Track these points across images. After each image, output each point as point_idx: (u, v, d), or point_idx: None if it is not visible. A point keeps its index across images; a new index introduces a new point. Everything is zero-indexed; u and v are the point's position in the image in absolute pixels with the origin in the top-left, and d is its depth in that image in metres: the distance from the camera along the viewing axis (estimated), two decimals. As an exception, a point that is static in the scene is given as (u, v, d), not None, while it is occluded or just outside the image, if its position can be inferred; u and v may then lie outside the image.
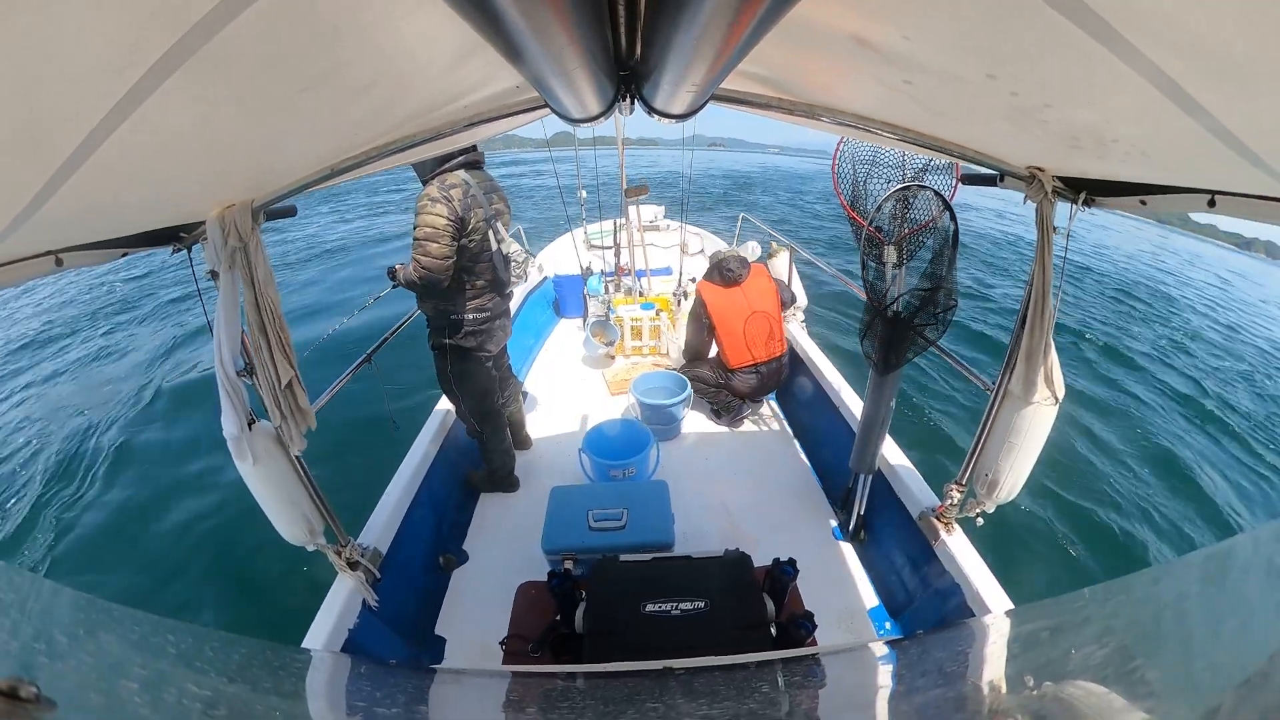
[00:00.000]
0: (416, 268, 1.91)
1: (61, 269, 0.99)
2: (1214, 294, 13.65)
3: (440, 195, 1.88)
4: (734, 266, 2.94)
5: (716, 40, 0.47)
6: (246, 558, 2.95)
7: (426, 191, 1.90)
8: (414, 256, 1.91)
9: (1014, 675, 0.78)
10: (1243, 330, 9.92)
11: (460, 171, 1.95)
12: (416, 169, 1.94)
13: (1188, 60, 0.49)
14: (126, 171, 0.71)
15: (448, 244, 1.90)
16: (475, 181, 1.99)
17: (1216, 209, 0.91)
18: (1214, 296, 13.20)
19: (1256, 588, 0.59)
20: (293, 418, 1.36)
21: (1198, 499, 3.95)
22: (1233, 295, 14.27)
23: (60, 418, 4.75)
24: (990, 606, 1.59)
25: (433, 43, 0.74)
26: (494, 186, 2.14)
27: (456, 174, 1.94)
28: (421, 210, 1.88)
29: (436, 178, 1.91)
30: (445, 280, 1.96)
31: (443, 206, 1.87)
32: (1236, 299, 13.69)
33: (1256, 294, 15.75)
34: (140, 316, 7.42)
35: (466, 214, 1.93)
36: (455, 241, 1.93)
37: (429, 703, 1.13)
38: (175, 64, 0.48)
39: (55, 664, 0.55)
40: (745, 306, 2.91)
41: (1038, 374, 1.36)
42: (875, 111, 1.17)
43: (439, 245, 1.88)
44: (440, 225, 1.87)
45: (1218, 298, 13.17)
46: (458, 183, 1.92)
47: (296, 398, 1.35)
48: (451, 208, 1.89)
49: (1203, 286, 14.64)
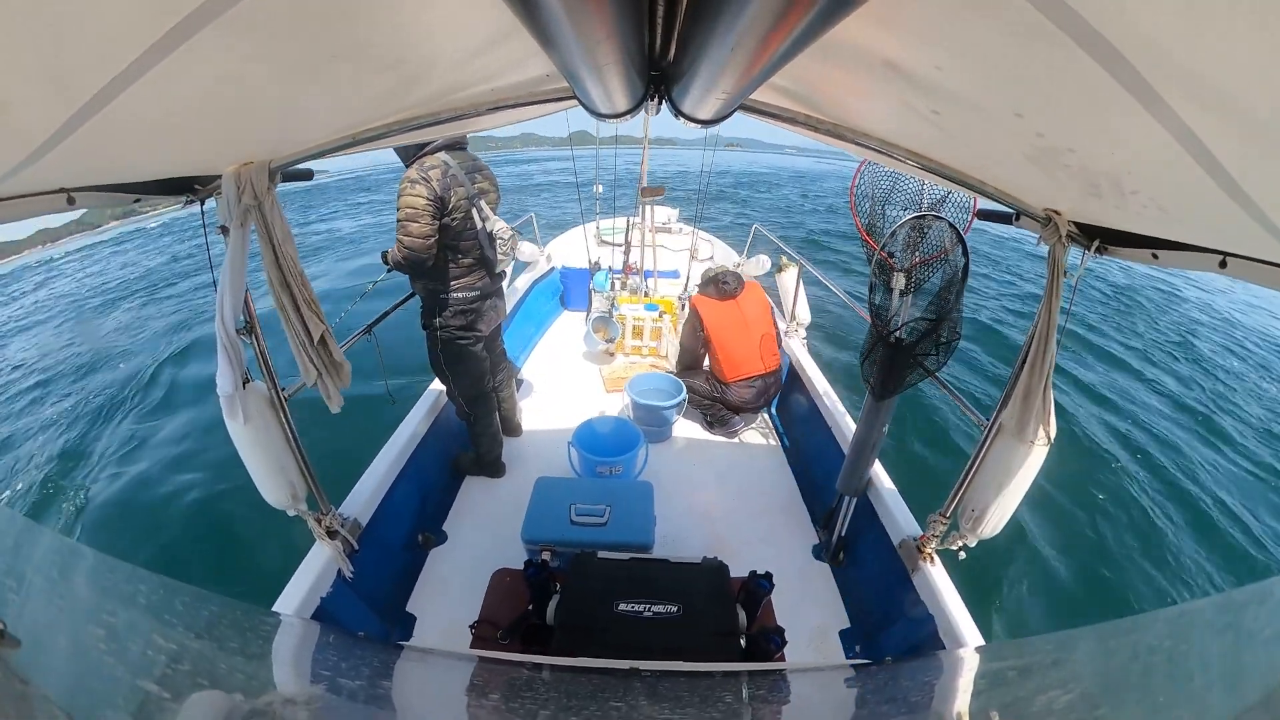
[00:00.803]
0: (399, 248, 1.96)
1: (73, 207, 0.99)
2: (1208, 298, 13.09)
3: (419, 176, 1.92)
4: (729, 281, 2.98)
5: (751, 50, 0.47)
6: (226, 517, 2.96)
7: (407, 174, 1.94)
8: (397, 238, 1.95)
9: (978, 711, 0.79)
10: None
11: (440, 154, 1.99)
12: (399, 153, 1.97)
13: (1214, 118, 0.49)
14: (148, 119, 0.71)
15: (428, 223, 1.94)
16: (456, 162, 2.02)
17: (1227, 270, 0.92)
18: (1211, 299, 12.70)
19: (1227, 649, 0.60)
20: (328, 373, 1.35)
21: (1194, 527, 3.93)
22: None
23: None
24: (962, 640, 1.59)
25: (467, 23, 0.74)
26: (478, 166, 2.17)
27: (436, 155, 1.98)
28: (402, 193, 1.92)
29: (416, 160, 1.95)
30: (428, 259, 2.00)
31: (422, 187, 1.91)
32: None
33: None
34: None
35: (446, 193, 1.96)
36: (436, 220, 1.97)
37: (393, 678, 1.12)
38: (208, 18, 0.48)
39: (24, 602, 0.55)
40: (741, 320, 2.94)
41: (1033, 413, 1.36)
42: (900, 137, 1.17)
43: (419, 225, 1.92)
44: (420, 205, 1.91)
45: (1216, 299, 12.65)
46: (437, 164, 1.96)
47: (331, 351, 1.34)
48: (430, 188, 1.92)
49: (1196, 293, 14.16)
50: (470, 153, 2.13)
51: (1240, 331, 8.80)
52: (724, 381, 2.94)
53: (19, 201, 0.89)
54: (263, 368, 1.42)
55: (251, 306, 1.35)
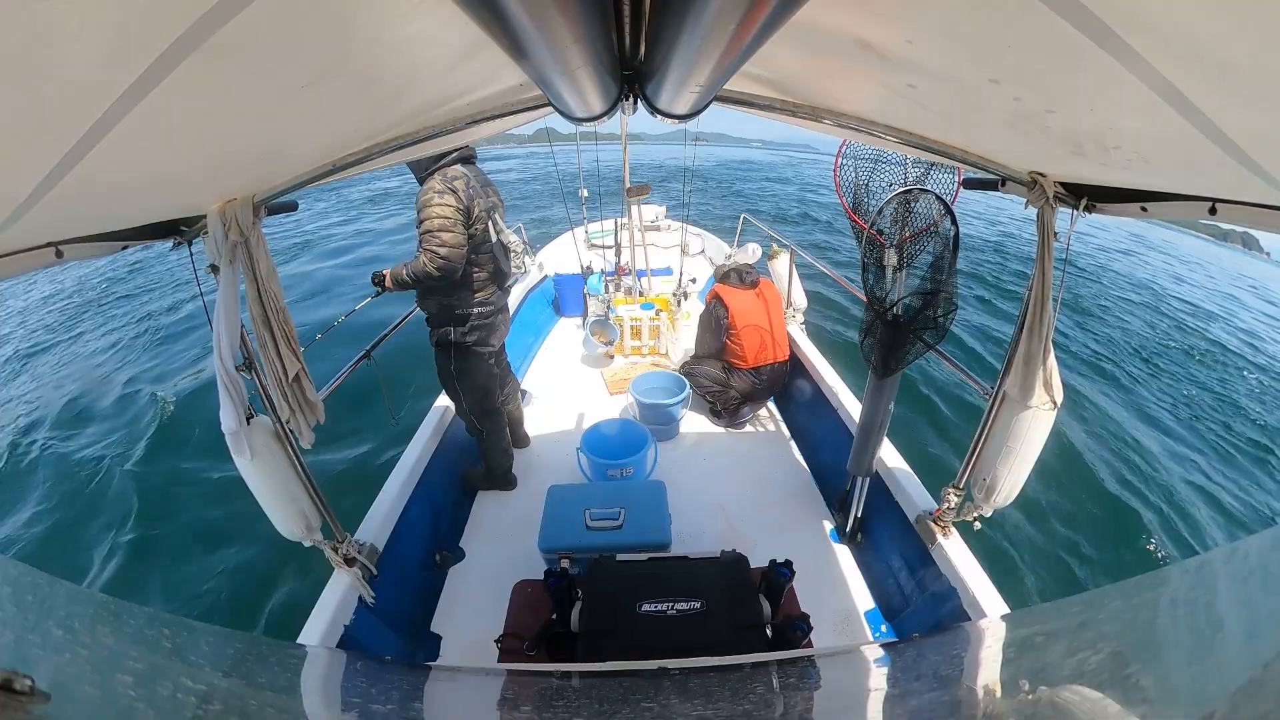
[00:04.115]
0: (433, 259, 1.90)
1: (62, 261, 0.99)
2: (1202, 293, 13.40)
3: (445, 186, 1.91)
4: (749, 271, 3.11)
5: (721, 42, 0.47)
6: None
7: (430, 185, 1.92)
8: (428, 249, 1.90)
9: (1009, 680, 0.78)
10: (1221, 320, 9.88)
11: (459, 165, 1.99)
12: (412, 167, 1.97)
13: (1190, 66, 0.49)
14: (129, 164, 0.71)
15: (461, 232, 1.94)
16: (471, 174, 2.04)
17: (1217, 217, 0.91)
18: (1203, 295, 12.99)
19: (1252, 595, 0.60)
20: (301, 411, 1.35)
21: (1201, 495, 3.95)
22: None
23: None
24: (986, 611, 1.59)
25: (436, 40, 0.74)
26: (487, 180, 2.18)
27: (456, 167, 1.98)
28: (428, 204, 1.90)
29: (437, 171, 1.95)
30: (460, 269, 1.98)
31: (450, 197, 1.91)
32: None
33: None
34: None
35: (470, 203, 1.97)
36: (466, 230, 1.97)
37: (424, 700, 1.12)
38: (180, 56, 0.48)
39: (50, 657, 0.55)
40: (762, 308, 3.00)
41: (1036, 378, 1.36)
42: (878, 115, 1.17)
43: (453, 234, 1.91)
44: (451, 215, 1.90)
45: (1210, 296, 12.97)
46: (459, 175, 1.96)
47: (304, 390, 1.34)
48: (458, 197, 1.92)
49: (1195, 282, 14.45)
50: (478, 167, 2.14)
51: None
52: (742, 368, 2.99)
53: (7, 260, 0.90)
54: (265, 401, 1.42)
55: (249, 342, 1.35)
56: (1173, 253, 20.19)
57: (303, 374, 1.32)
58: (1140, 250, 17.74)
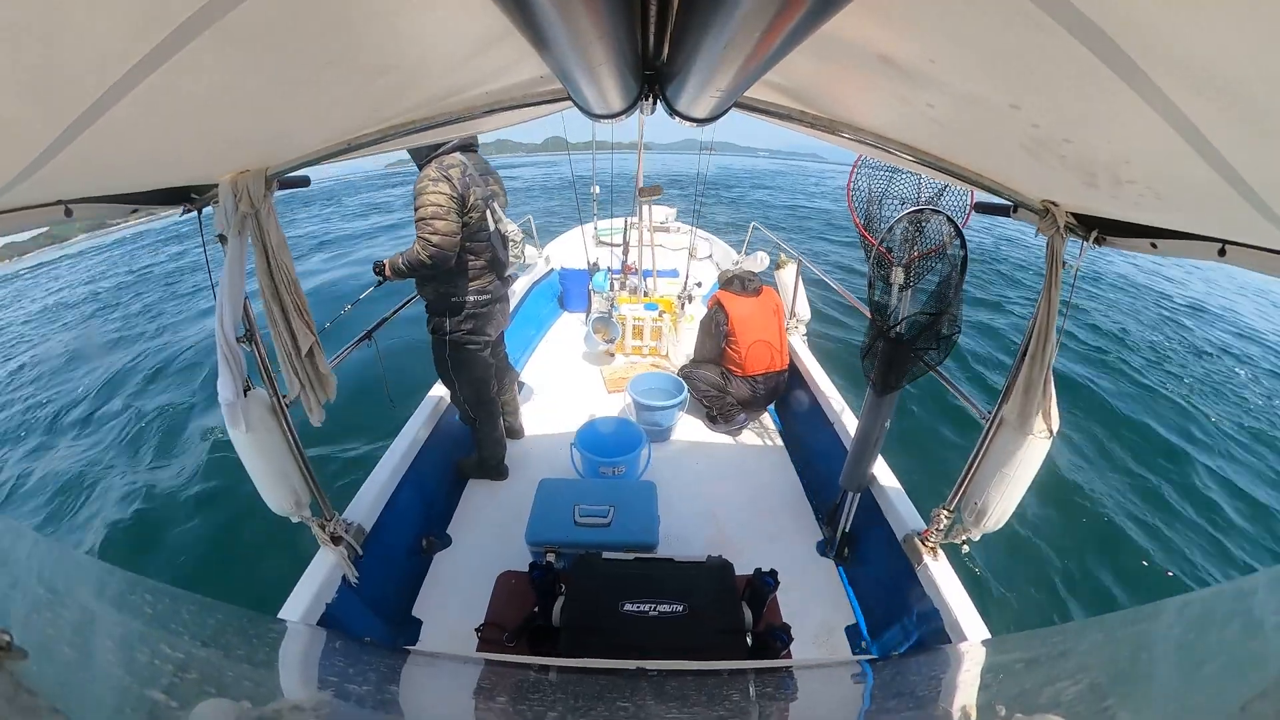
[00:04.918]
0: (425, 246, 1.92)
1: (70, 219, 0.99)
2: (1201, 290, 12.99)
3: (440, 174, 1.91)
4: (752, 279, 3.09)
5: (745, 48, 0.47)
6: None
7: (425, 173, 1.93)
8: (421, 236, 1.93)
9: (986, 704, 0.78)
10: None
11: (456, 154, 1.99)
12: (412, 154, 1.98)
13: (1209, 104, 0.49)
14: (143, 130, 0.71)
15: (455, 220, 1.94)
16: (471, 162, 2.04)
17: (1226, 259, 0.91)
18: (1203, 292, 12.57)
19: (1233, 637, 0.60)
20: (312, 386, 1.35)
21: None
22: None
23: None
24: (967, 634, 1.59)
25: (458, 27, 0.74)
26: (488, 169, 2.18)
27: (453, 155, 1.98)
28: (423, 191, 1.91)
29: (434, 160, 1.95)
30: (454, 256, 1.98)
31: (444, 184, 1.91)
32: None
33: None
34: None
35: (466, 191, 1.97)
36: (460, 218, 1.96)
37: (400, 683, 1.12)
38: (200, 27, 0.48)
39: (30, 615, 0.55)
40: (763, 317, 3.00)
41: (1035, 405, 1.36)
42: (895, 131, 1.17)
43: (446, 222, 1.91)
44: (444, 202, 1.91)
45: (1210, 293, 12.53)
46: (455, 163, 1.96)
47: (317, 364, 1.34)
48: (452, 185, 1.92)
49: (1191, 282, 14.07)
50: (479, 155, 2.14)
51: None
52: (741, 375, 2.98)
53: (16, 214, 0.90)
54: (264, 375, 1.42)
55: (251, 314, 1.35)
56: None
57: (316, 347, 1.32)
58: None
